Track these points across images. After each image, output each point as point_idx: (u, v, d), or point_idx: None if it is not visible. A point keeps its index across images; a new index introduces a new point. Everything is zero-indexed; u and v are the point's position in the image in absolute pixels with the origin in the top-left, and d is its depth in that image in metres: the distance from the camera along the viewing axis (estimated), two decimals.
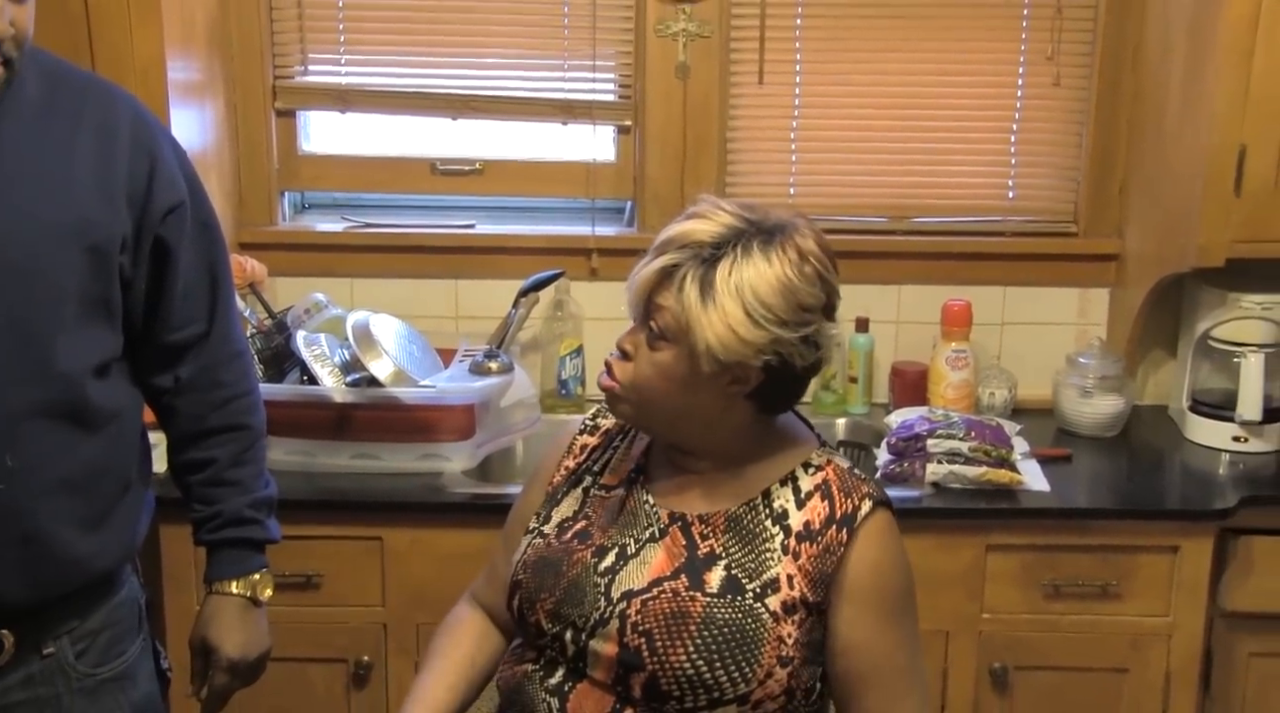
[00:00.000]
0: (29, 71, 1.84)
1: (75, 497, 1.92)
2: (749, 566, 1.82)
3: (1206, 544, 2.77)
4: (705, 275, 1.75)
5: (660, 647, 1.78)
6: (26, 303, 1.84)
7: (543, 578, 1.89)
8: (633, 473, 1.97)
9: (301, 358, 2.90)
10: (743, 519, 1.86)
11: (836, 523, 1.83)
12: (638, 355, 1.83)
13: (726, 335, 1.74)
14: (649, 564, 1.86)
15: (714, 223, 1.79)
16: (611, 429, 2.06)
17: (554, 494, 2.01)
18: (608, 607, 1.83)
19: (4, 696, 1.92)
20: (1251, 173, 2.81)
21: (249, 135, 3.29)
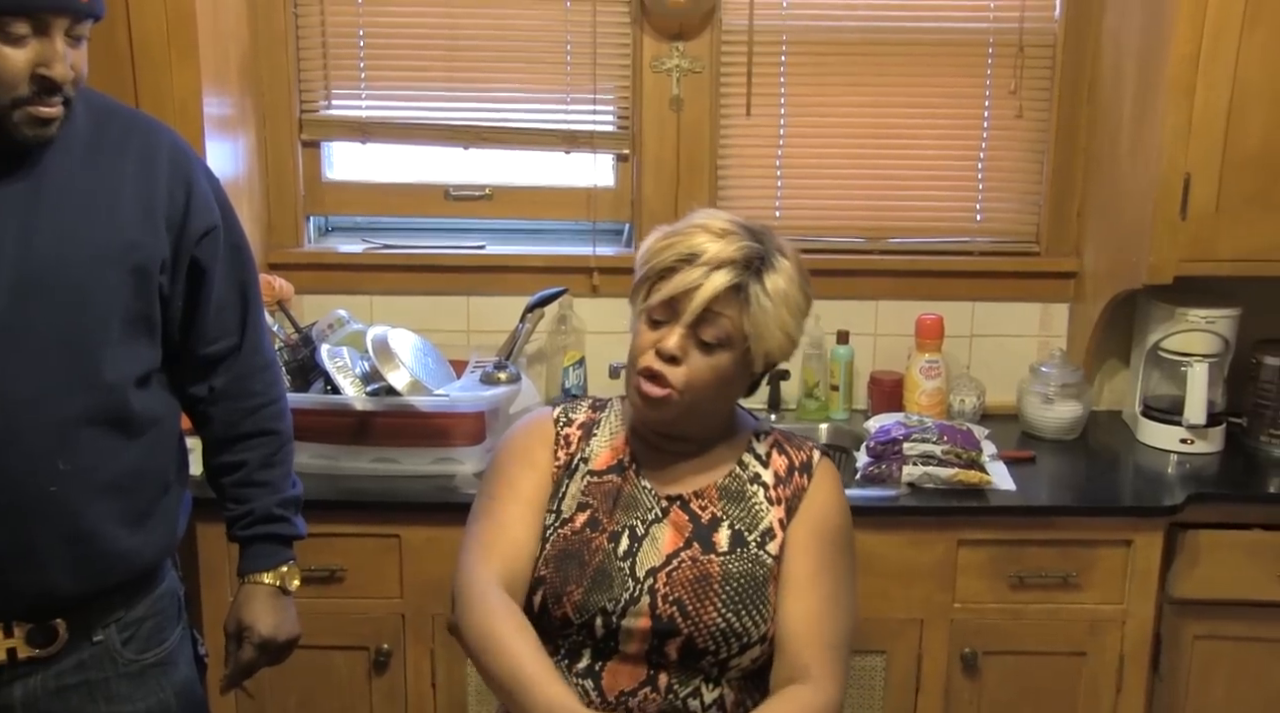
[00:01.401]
0: (79, 108, 1.86)
1: (120, 497, 1.94)
2: (747, 520, 1.92)
3: (1157, 538, 2.78)
4: (764, 289, 1.84)
5: (692, 610, 1.84)
6: (77, 320, 1.85)
7: (568, 570, 1.89)
8: (623, 460, 1.99)
9: (325, 369, 2.89)
10: (730, 487, 1.95)
11: (798, 470, 1.96)
12: (689, 360, 1.85)
13: (784, 340, 1.88)
14: (661, 541, 1.90)
15: (737, 240, 1.85)
16: (585, 421, 2.05)
17: (556, 485, 1.99)
18: (636, 586, 1.86)
19: (59, 678, 1.93)
20: (1195, 198, 2.82)
21: (277, 165, 3.28)
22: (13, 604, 1.87)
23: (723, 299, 1.83)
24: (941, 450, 2.85)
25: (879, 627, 2.77)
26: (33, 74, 1.74)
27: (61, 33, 1.76)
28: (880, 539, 2.76)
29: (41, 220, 1.82)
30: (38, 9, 1.72)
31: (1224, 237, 2.85)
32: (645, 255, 1.90)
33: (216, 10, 2.89)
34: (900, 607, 2.79)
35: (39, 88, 1.75)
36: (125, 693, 2.00)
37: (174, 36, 2.71)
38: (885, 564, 2.77)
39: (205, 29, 2.78)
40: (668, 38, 3.19)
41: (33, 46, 1.74)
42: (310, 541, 2.25)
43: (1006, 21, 3.19)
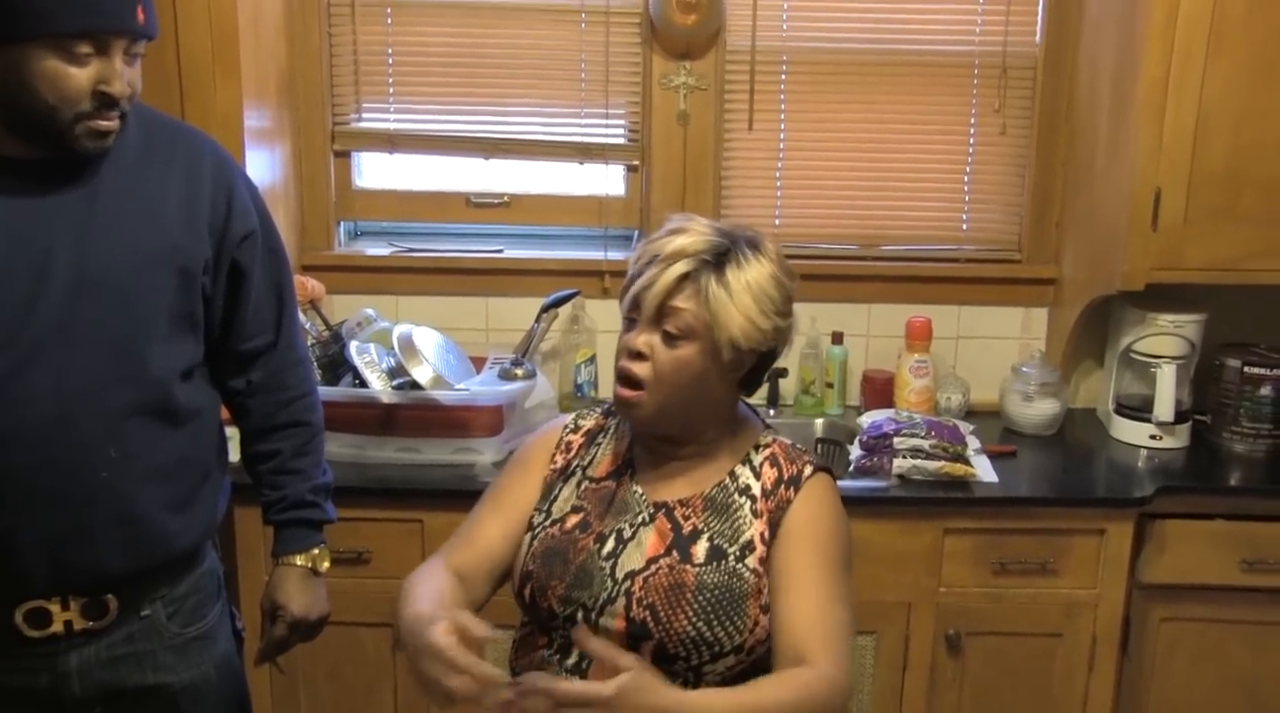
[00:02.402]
0: (132, 121, 1.87)
1: (165, 483, 1.95)
2: (728, 533, 1.83)
3: (1128, 527, 2.78)
4: (720, 278, 1.78)
5: (664, 616, 1.78)
6: (126, 318, 1.86)
7: (552, 567, 1.86)
8: (620, 466, 1.94)
9: (354, 364, 2.90)
10: (716, 498, 1.87)
11: (785, 483, 1.86)
12: (655, 355, 1.81)
13: (748, 326, 1.78)
14: (644, 545, 1.84)
15: (702, 237, 1.81)
16: (592, 428, 2.02)
17: (549, 489, 1.96)
18: (614, 587, 1.81)
19: (110, 649, 1.94)
20: (1166, 211, 2.83)
21: (311, 173, 3.29)
22: (68, 581, 1.88)
23: (680, 292, 1.78)
24: (929, 445, 2.85)
25: (869, 609, 2.72)
26: (94, 90, 1.76)
27: (120, 52, 1.78)
28: (871, 528, 2.76)
29: (95, 225, 1.84)
30: (100, 31, 1.74)
31: (1192, 247, 2.85)
32: (629, 264, 1.88)
33: (257, 30, 2.90)
34: (890, 590, 2.80)
35: (99, 103, 1.77)
36: (170, 664, 2.01)
37: (218, 55, 2.73)
38: (876, 551, 2.76)
39: (246, 48, 2.79)
40: (675, 57, 3.20)
41: (94, 66, 1.76)
42: (339, 524, 2.25)
43: (991, 45, 3.19)
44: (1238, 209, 2.84)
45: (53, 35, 1.72)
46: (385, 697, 2.91)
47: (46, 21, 1.71)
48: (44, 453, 1.81)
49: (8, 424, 1.79)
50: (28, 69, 1.73)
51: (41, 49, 1.72)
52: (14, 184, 1.80)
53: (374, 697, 2.91)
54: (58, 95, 1.74)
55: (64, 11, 1.71)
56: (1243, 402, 3.07)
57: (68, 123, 1.76)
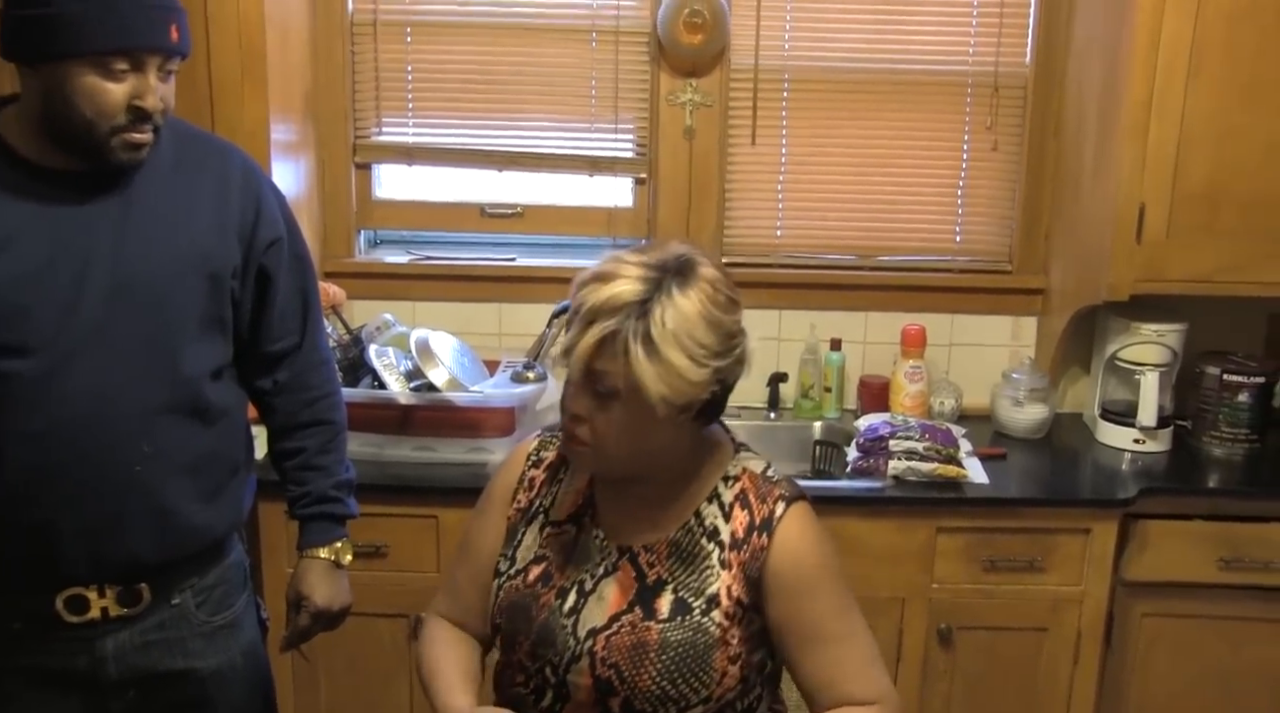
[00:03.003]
0: (165, 134, 1.88)
1: (195, 477, 1.96)
2: (693, 585, 1.71)
3: (1112, 527, 2.79)
4: (644, 333, 1.58)
5: (628, 674, 1.69)
6: (160, 321, 1.88)
7: (517, 623, 1.77)
8: (581, 508, 1.81)
9: (373, 367, 2.90)
10: (682, 543, 1.73)
11: (757, 529, 1.71)
12: (591, 418, 1.65)
13: (677, 382, 1.59)
14: (606, 601, 1.73)
15: (629, 280, 1.61)
16: (554, 462, 1.87)
17: (513, 532, 1.84)
18: (577, 645, 1.71)
19: (143, 635, 1.96)
20: (1149, 225, 2.84)
21: (333, 184, 3.29)
22: (104, 570, 1.90)
23: (602, 353, 1.60)
24: (923, 447, 2.86)
25: (865, 605, 2.60)
26: (129, 104, 1.78)
27: (154, 69, 1.79)
28: (867, 526, 2.77)
29: (131, 233, 1.85)
30: (135, 49, 1.76)
31: (1174, 260, 2.86)
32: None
33: (284, 49, 2.92)
34: (884, 586, 2.80)
35: (134, 117, 1.79)
36: (199, 650, 2.02)
37: (247, 72, 2.74)
38: (871, 548, 2.78)
39: (274, 66, 2.81)
40: (682, 75, 3.21)
41: (130, 81, 1.77)
42: (357, 520, 2.24)
43: (983, 66, 3.20)
44: (1217, 225, 2.85)
45: (91, 53, 1.74)
46: (401, 685, 2.91)
47: (86, 41, 1.73)
48: (82, 449, 1.83)
49: (49, 422, 1.81)
50: (69, 85, 1.75)
51: (81, 66, 1.74)
52: (56, 194, 1.82)
53: (390, 684, 2.91)
54: (95, 109, 1.76)
55: (101, 31, 1.74)
56: (1222, 407, 3.08)
57: (104, 135, 1.78)
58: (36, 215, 1.81)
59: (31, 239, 1.80)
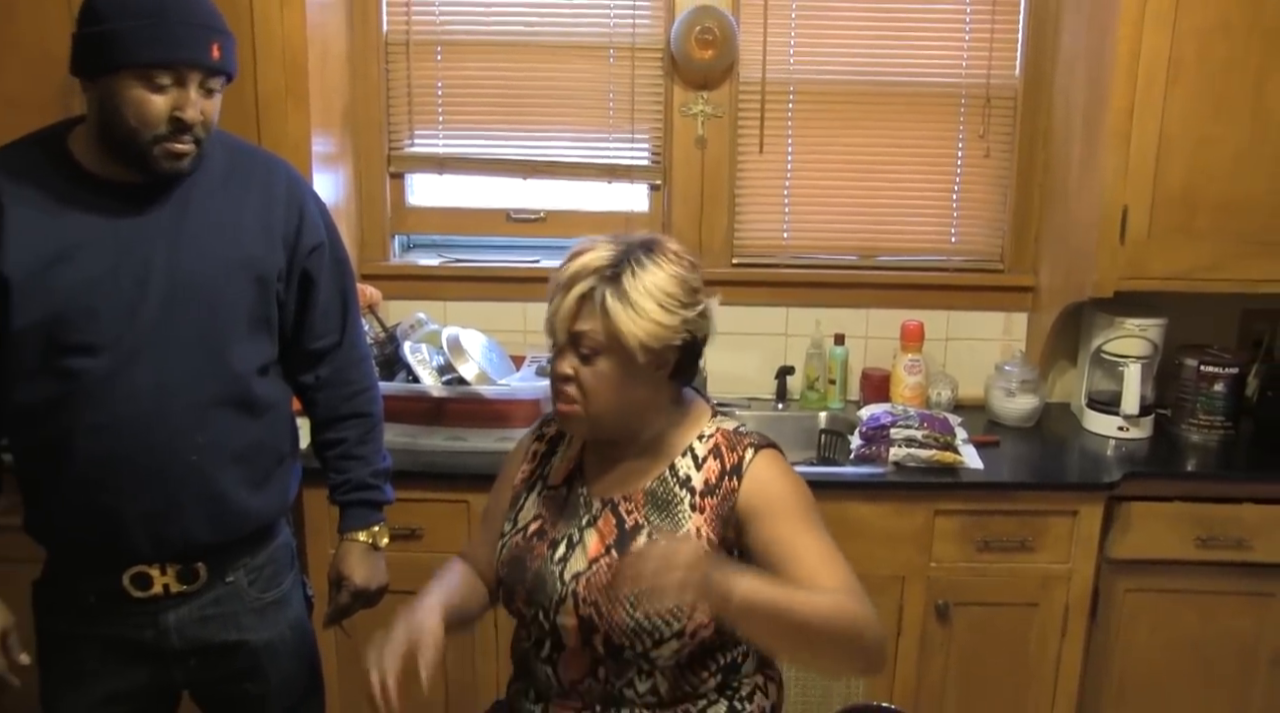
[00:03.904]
0: (216, 147, 1.92)
1: (245, 466, 1.99)
2: (665, 527, 1.77)
3: (1098, 509, 2.80)
4: (617, 290, 1.69)
5: (605, 611, 1.74)
6: (212, 321, 1.91)
7: (516, 573, 1.85)
8: (572, 472, 1.90)
9: (407, 362, 2.92)
10: (657, 491, 1.80)
11: (728, 474, 1.78)
12: (579, 375, 1.74)
13: (652, 327, 1.70)
14: (587, 547, 1.81)
15: (600, 251, 1.73)
16: (554, 435, 1.97)
17: (516, 499, 1.94)
18: (563, 588, 1.79)
19: (201, 609, 2.00)
20: (1132, 226, 2.85)
21: (369, 192, 3.31)
22: (165, 550, 1.94)
23: (580, 313, 1.71)
24: (922, 435, 2.87)
25: (866, 582, 2.54)
26: (170, 115, 1.81)
27: (195, 84, 1.82)
28: (869, 509, 2.78)
29: (186, 240, 1.89)
30: (177, 63, 1.79)
31: (1155, 259, 2.87)
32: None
33: (325, 68, 2.94)
34: (885, 566, 2.81)
35: (174, 128, 1.81)
36: (251, 624, 2.06)
37: (290, 89, 2.76)
38: (873, 530, 2.79)
39: (315, 83, 2.83)
40: (694, 88, 3.22)
41: (171, 94, 1.80)
42: (393, 504, 2.27)
43: (975, 78, 3.21)
44: (1194, 226, 2.86)
45: (139, 66, 1.78)
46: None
47: (133, 54, 1.77)
48: (143, 440, 1.87)
49: (114, 415, 1.85)
50: (118, 95, 1.79)
51: (129, 78, 1.78)
52: (117, 205, 1.86)
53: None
54: (139, 118, 1.80)
55: (147, 46, 1.77)
56: (1199, 397, 3.09)
57: (147, 144, 1.81)
58: (101, 225, 1.85)
59: (97, 247, 1.84)
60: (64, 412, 1.86)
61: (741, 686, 1.86)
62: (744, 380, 3.34)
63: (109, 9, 1.78)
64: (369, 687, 1.68)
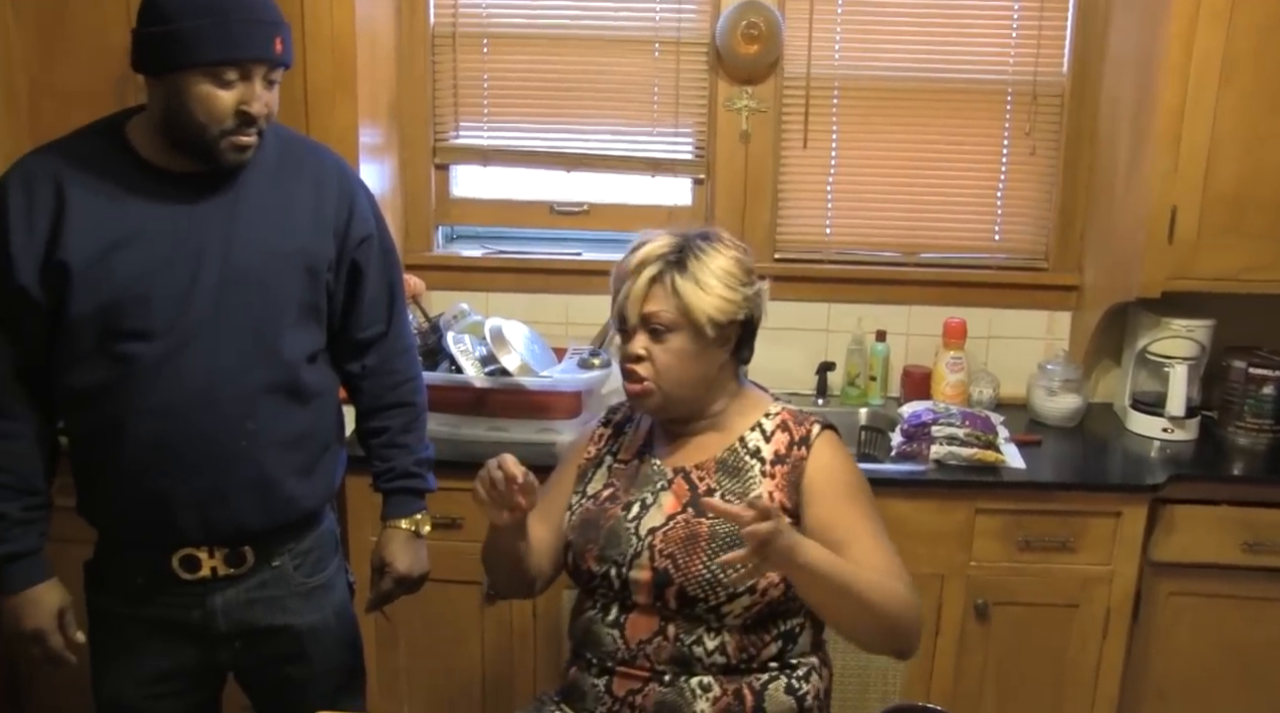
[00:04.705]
0: (269, 138, 1.95)
1: (293, 453, 2.03)
2: (738, 490, 1.89)
3: (1141, 510, 2.78)
4: (683, 272, 1.86)
5: (682, 563, 1.84)
6: (263, 309, 1.94)
7: (587, 533, 1.93)
8: (642, 447, 2.01)
9: (450, 353, 2.94)
10: (728, 460, 1.93)
11: (797, 444, 1.92)
12: (651, 354, 1.88)
13: (720, 302, 1.86)
14: (663, 507, 1.91)
15: (661, 241, 1.90)
16: (620, 420, 2.09)
17: (584, 474, 2.04)
18: (638, 543, 1.88)
19: (247, 593, 2.04)
20: (1181, 227, 2.82)
21: (414, 184, 3.33)
22: (213, 533, 1.98)
23: (652, 295, 1.87)
24: (963, 433, 2.87)
25: None
26: (236, 110, 1.84)
27: (260, 78, 1.86)
28: (910, 506, 2.78)
29: (239, 228, 1.92)
30: (243, 59, 1.83)
31: (1203, 259, 2.84)
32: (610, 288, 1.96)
33: (373, 61, 2.96)
34: (925, 563, 2.80)
35: (240, 121, 1.85)
36: (296, 608, 2.10)
37: (338, 81, 2.79)
38: (914, 527, 2.78)
39: (363, 76, 2.85)
40: (738, 83, 3.22)
41: (238, 89, 1.84)
42: (435, 493, 2.29)
43: (1022, 75, 3.19)
44: (1244, 226, 2.83)
45: (205, 63, 1.81)
46: (473, 646, 2.96)
47: (201, 52, 1.80)
48: (195, 425, 1.91)
49: (166, 400, 1.89)
50: (186, 92, 1.82)
51: (196, 75, 1.81)
52: (174, 193, 1.89)
53: (463, 645, 2.96)
54: (207, 114, 1.83)
55: (214, 44, 1.80)
56: (1247, 399, 3.06)
57: (215, 138, 1.85)
58: (157, 213, 1.89)
59: (153, 235, 1.87)
60: (117, 396, 1.90)
61: (799, 665, 1.93)
62: (785, 375, 3.34)
63: (174, 8, 1.81)
64: (489, 475, 1.82)
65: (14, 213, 1.86)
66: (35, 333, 1.91)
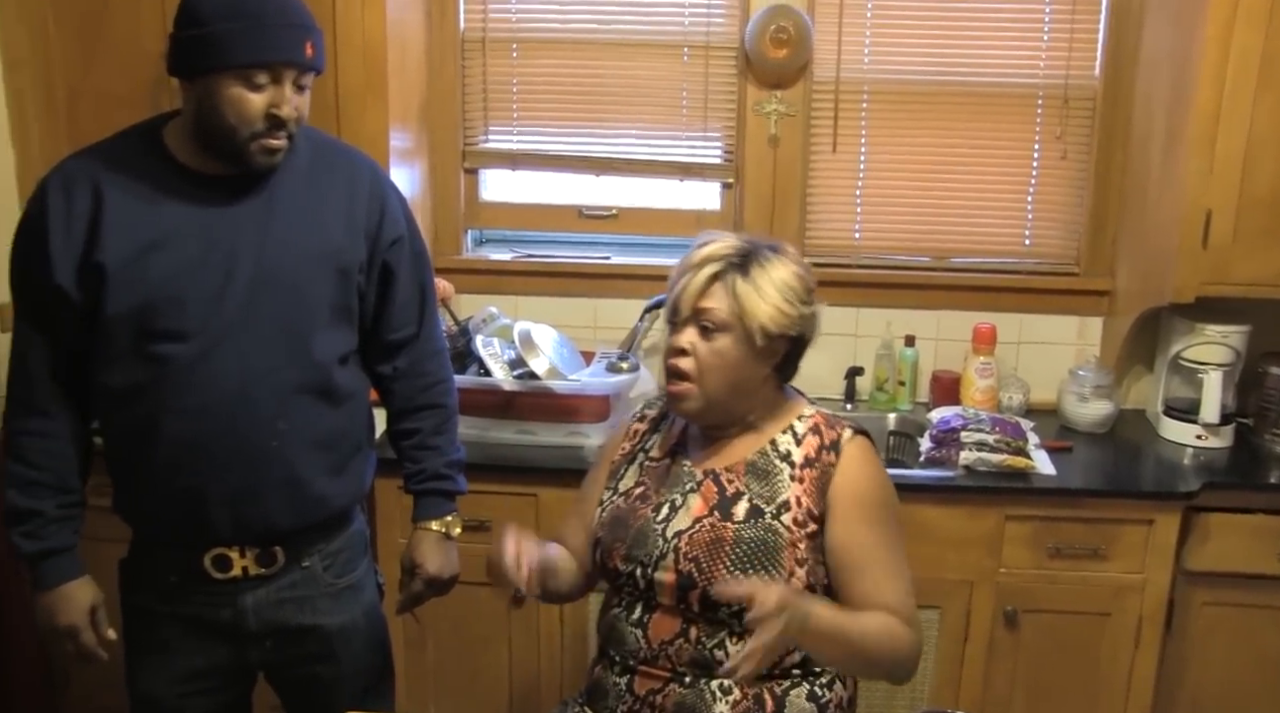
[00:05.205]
0: (301, 142, 1.96)
1: (324, 453, 2.03)
2: (766, 494, 1.88)
3: (1174, 518, 2.76)
4: (745, 275, 1.85)
5: (706, 567, 1.84)
6: (295, 309, 1.95)
7: (616, 531, 1.94)
8: (675, 447, 2.01)
9: (479, 356, 2.94)
10: (757, 463, 1.91)
11: (827, 448, 1.90)
12: (696, 350, 1.87)
13: (775, 313, 1.85)
14: (690, 509, 1.91)
15: (727, 244, 1.89)
16: (656, 416, 2.09)
17: (616, 470, 2.05)
18: (664, 544, 1.88)
19: (278, 593, 2.05)
20: (1215, 231, 2.79)
21: (443, 188, 3.34)
22: (245, 533, 1.99)
23: (709, 292, 1.85)
24: (993, 439, 2.85)
25: (935, 586, 2.77)
26: (267, 113, 1.86)
27: (290, 82, 1.87)
28: (939, 512, 2.77)
29: (272, 229, 1.93)
30: (274, 63, 1.84)
31: (1239, 264, 2.81)
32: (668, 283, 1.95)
33: (403, 65, 2.98)
34: (954, 570, 2.80)
35: (270, 124, 1.87)
36: (325, 608, 2.10)
37: (370, 85, 2.81)
38: (943, 534, 2.78)
39: (393, 81, 2.87)
40: (767, 87, 3.22)
41: (269, 92, 1.85)
42: (463, 497, 2.29)
43: (1054, 78, 3.18)
44: None
45: (237, 66, 1.82)
46: (500, 648, 2.97)
47: (232, 55, 1.82)
48: (227, 423, 1.92)
49: (200, 398, 1.90)
50: (217, 95, 1.84)
51: (228, 78, 1.83)
52: (207, 196, 1.91)
53: (491, 647, 2.97)
54: (238, 116, 1.85)
55: (246, 47, 1.82)
56: None
57: (244, 140, 1.86)
58: (191, 215, 1.90)
59: (187, 236, 1.89)
60: (151, 396, 1.91)
61: (823, 672, 1.93)
62: (813, 380, 3.27)
63: (208, 12, 1.83)
64: (498, 556, 1.82)
65: (53, 214, 1.89)
66: (72, 333, 1.93)
